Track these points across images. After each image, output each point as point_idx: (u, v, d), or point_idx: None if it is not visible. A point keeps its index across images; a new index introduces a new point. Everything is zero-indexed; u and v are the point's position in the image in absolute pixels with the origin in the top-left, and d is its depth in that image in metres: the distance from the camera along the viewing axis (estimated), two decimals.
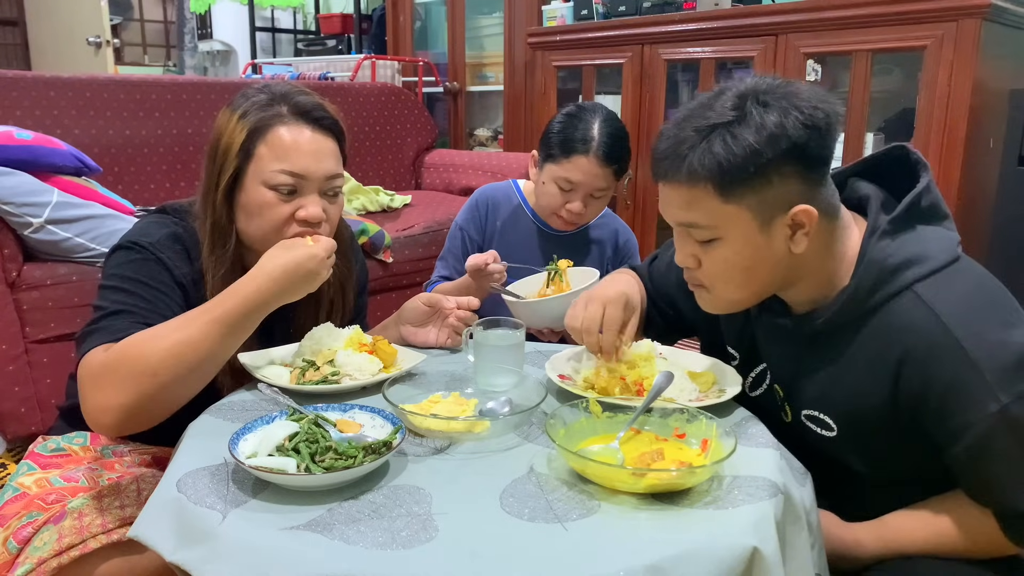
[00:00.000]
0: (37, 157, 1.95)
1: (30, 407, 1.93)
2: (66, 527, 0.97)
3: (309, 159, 1.13)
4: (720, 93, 0.94)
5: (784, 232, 0.94)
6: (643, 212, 2.88)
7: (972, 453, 0.90)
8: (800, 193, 0.93)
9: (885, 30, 2.16)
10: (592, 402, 1.00)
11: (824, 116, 0.91)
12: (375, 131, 3.34)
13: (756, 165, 0.90)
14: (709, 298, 1.03)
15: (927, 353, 0.90)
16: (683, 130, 0.94)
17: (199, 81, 2.86)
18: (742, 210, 0.93)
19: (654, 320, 1.32)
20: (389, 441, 0.89)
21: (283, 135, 1.12)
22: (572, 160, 1.54)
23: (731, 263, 0.96)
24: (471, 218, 1.78)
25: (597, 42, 2.94)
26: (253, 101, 1.15)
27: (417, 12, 4.18)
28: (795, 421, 1.08)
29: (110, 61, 4.12)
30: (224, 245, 1.15)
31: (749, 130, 0.89)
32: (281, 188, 1.12)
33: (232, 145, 1.12)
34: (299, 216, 1.13)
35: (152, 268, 1.11)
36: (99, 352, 0.99)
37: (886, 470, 1.01)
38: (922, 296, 0.92)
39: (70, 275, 1.94)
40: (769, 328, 1.09)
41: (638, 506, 0.82)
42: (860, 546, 1.00)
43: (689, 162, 0.92)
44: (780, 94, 0.91)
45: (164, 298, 1.09)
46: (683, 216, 0.97)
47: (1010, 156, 2.05)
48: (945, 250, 0.96)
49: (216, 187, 1.14)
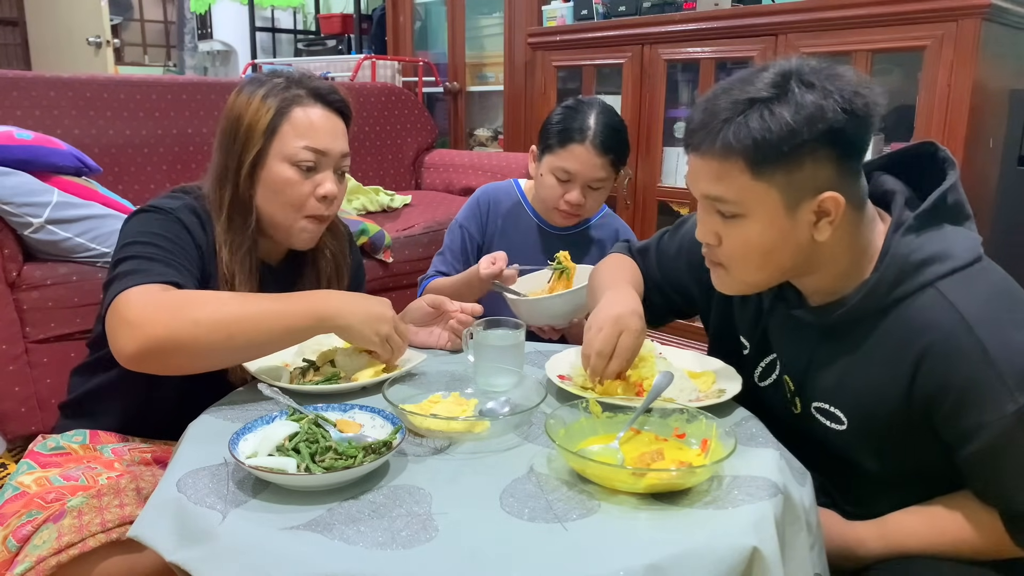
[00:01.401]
0: (37, 157, 1.95)
1: (30, 407, 1.93)
2: (65, 526, 0.97)
3: (328, 137, 1.19)
4: (762, 69, 0.93)
5: (809, 218, 0.93)
6: (643, 212, 2.88)
7: (985, 453, 0.90)
8: (831, 179, 0.91)
9: (885, 30, 2.16)
10: (592, 402, 0.99)
11: (864, 104, 0.89)
12: (375, 131, 3.34)
13: (791, 145, 0.88)
14: (726, 278, 1.02)
15: (948, 351, 0.90)
16: (720, 102, 0.92)
17: (199, 81, 2.86)
18: (771, 189, 0.91)
19: (654, 303, 1.31)
20: (389, 441, 0.89)
21: (304, 114, 1.18)
22: (569, 149, 1.56)
23: (752, 243, 0.95)
24: (472, 216, 1.78)
25: (597, 42, 2.94)
26: (272, 84, 1.19)
27: (417, 12, 4.18)
28: (804, 413, 1.07)
29: (110, 61, 4.12)
30: (245, 223, 1.19)
31: (787, 108, 0.88)
32: (303, 164, 1.17)
33: (257, 124, 1.16)
34: (318, 193, 1.19)
35: (174, 227, 1.14)
36: (153, 288, 1.02)
37: (894, 466, 1.01)
38: (945, 294, 0.92)
39: (70, 275, 1.94)
40: (783, 319, 1.08)
41: (638, 506, 0.82)
42: (862, 544, 1.00)
43: (724, 135, 0.90)
44: (824, 76, 0.89)
45: (187, 255, 1.13)
46: (711, 189, 0.95)
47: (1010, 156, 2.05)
48: (969, 249, 0.95)
49: (239, 166, 1.17)
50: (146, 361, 1.00)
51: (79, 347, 1.38)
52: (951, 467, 0.96)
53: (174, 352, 1.00)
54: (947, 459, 0.95)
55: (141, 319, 0.99)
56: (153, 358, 1.00)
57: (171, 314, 0.99)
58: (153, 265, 1.07)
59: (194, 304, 1.02)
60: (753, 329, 1.15)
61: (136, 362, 1.00)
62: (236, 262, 1.17)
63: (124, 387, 1.20)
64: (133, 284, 1.02)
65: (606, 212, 1.80)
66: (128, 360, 1.00)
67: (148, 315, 0.99)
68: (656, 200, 2.85)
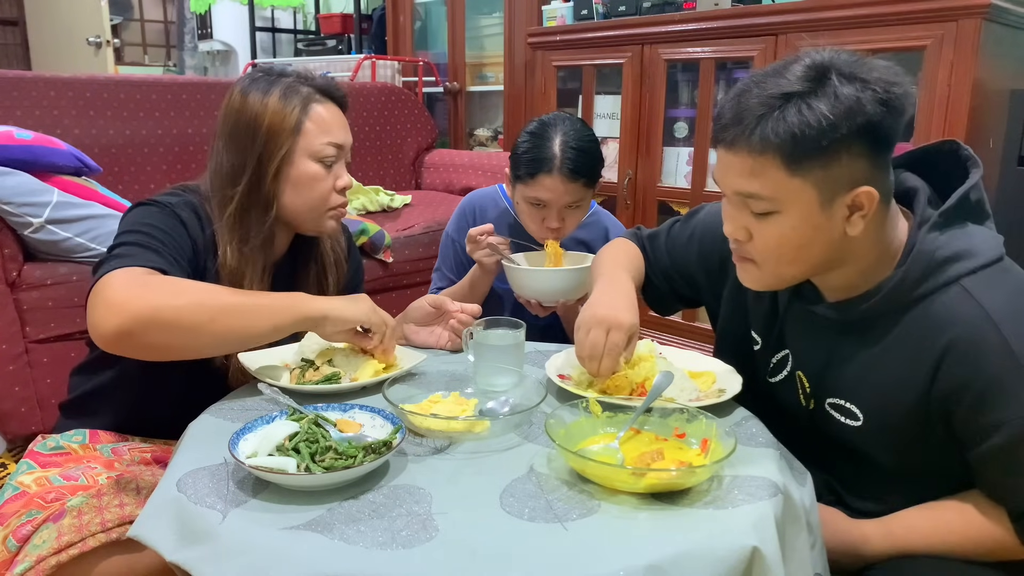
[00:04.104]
0: (37, 157, 1.95)
1: (30, 407, 1.93)
2: (65, 525, 0.97)
3: (342, 131, 1.24)
4: (792, 62, 0.91)
5: (843, 212, 0.92)
6: (643, 212, 2.88)
7: (1001, 451, 0.90)
8: (865, 173, 0.90)
9: (885, 30, 2.15)
10: (592, 402, 0.99)
11: (900, 95, 0.88)
12: (375, 131, 3.34)
13: (829, 139, 0.86)
14: (756, 273, 1.00)
15: (971, 347, 0.90)
16: (752, 97, 0.90)
17: (199, 81, 2.86)
18: (807, 185, 0.90)
19: (659, 288, 1.31)
20: (389, 441, 0.89)
21: (321, 111, 1.21)
22: (538, 180, 1.50)
23: (786, 239, 0.94)
24: (460, 227, 1.75)
25: (597, 42, 2.93)
26: (286, 83, 1.20)
27: (417, 12, 4.18)
28: (817, 409, 1.07)
29: (110, 61, 4.12)
30: (263, 218, 1.20)
31: (825, 102, 0.86)
32: (327, 160, 1.21)
33: (283, 123, 1.17)
34: (338, 185, 1.23)
35: (170, 220, 1.15)
36: (137, 271, 1.02)
37: (906, 461, 1.01)
38: (970, 290, 0.92)
39: (70, 275, 1.94)
40: (800, 315, 1.08)
41: (638, 506, 0.82)
42: (867, 542, 1.00)
43: (761, 130, 0.88)
44: (858, 68, 0.88)
45: (181, 247, 1.14)
46: (744, 186, 0.93)
47: (1010, 156, 2.05)
48: (993, 247, 0.95)
49: (261, 165, 1.18)
50: (124, 340, 0.98)
51: (79, 347, 1.38)
52: (963, 465, 0.96)
53: (154, 329, 0.98)
54: (959, 457, 0.95)
55: (122, 297, 0.98)
56: (132, 337, 0.97)
57: (154, 292, 1.00)
58: (143, 252, 1.07)
59: (178, 285, 1.04)
60: (767, 325, 1.14)
61: (114, 341, 0.98)
62: (246, 259, 1.18)
63: (124, 386, 1.20)
64: (119, 266, 1.02)
65: (595, 210, 1.76)
66: (106, 338, 0.98)
67: (132, 293, 0.98)
68: (656, 200, 2.85)
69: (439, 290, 1.75)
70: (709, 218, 1.26)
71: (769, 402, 1.11)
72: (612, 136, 2.96)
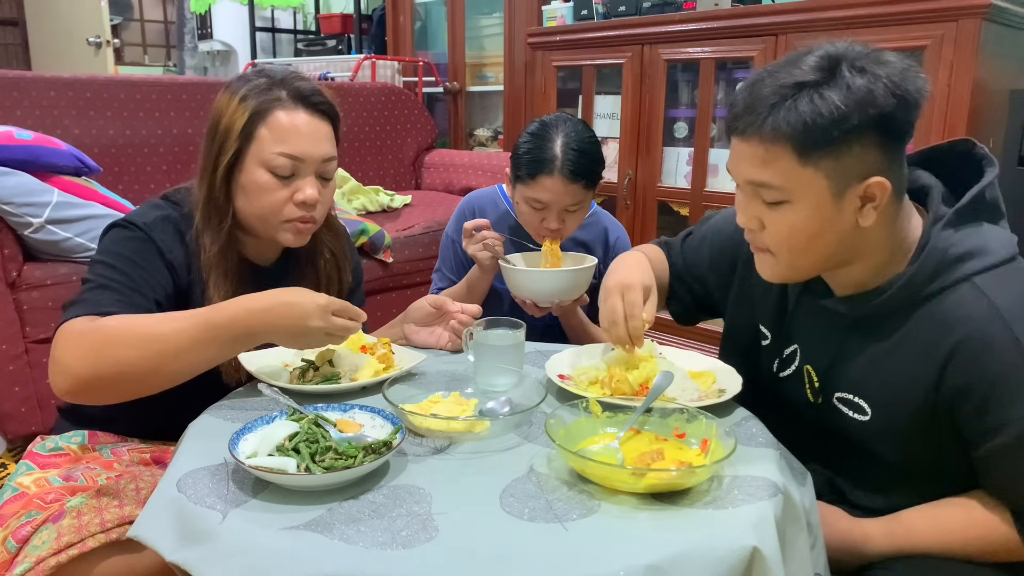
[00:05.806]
0: (37, 157, 1.95)
1: (30, 407, 1.93)
2: (65, 526, 0.97)
3: (307, 142, 1.16)
4: (805, 53, 0.91)
5: (854, 203, 0.92)
6: (643, 212, 2.88)
7: (1007, 449, 0.90)
8: (877, 164, 0.90)
9: (885, 30, 2.15)
10: (592, 402, 0.99)
11: (913, 88, 0.88)
12: (375, 131, 3.34)
13: (841, 129, 0.87)
14: (773, 264, 1.00)
15: (982, 344, 0.90)
16: (765, 87, 0.90)
17: (199, 81, 2.87)
18: (818, 175, 0.90)
19: (681, 296, 1.32)
20: (389, 441, 0.89)
21: (282, 119, 1.15)
22: (538, 181, 1.50)
23: (797, 228, 0.94)
24: (460, 228, 1.74)
25: (597, 42, 2.93)
26: (253, 84, 1.17)
27: (417, 12, 4.18)
28: (825, 403, 1.07)
29: (110, 61, 4.12)
30: (220, 223, 1.17)
31: (837, 92, 0.87)
32: (280, 171, 1.15)
33: (233, 127, 1.14)
34: (297, 199, 1.16)
35: (143, 247, 1.14)
36: (82, 320, 1.03)
37: (912, 457, 1.00)
38: (982, 288, 0.92)
39: (70, 275, 1.94)
40: (810, 309, 1.08)
41: (638, 506, 0.82)
42: (868, 541, 1.00)
43: (772, 119, 0.89)
44: (871, 60, 0.89)
45: (149, 278, 1.12)
46: (755, 175, 0.93)
47: (1010, 156, 2.05)
48: (1006, 246, 0.96)
49: (215, 167, 1.16)
50: (80, 398, 1.03)
51: None
52: (968, 463, 0.96)
53: (102, 387, 1.01)
54: (965, 455, 0.95)
55: (68, 359, 1.00)
56: (86, 394, 1.02)
57: (97, 350, 0.99)
58: (100, 295, 1.07)
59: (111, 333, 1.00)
60: (776, 319, 1.14)
61: (72, 399, 1.03)
62: (211, 260, 1.16)
63: None
64: (73, 315, 1.04)
65: (594, 211, 1.75)
66: (63, 397, 1.02)
67: (76, 355, 1.00)
68: (656, 200, 2.85)
69: (439, 291, 1.75)
70: (719, 220, 1.28)
71: (776, 398, 1.11)
72: (612, 136, 2.97)
